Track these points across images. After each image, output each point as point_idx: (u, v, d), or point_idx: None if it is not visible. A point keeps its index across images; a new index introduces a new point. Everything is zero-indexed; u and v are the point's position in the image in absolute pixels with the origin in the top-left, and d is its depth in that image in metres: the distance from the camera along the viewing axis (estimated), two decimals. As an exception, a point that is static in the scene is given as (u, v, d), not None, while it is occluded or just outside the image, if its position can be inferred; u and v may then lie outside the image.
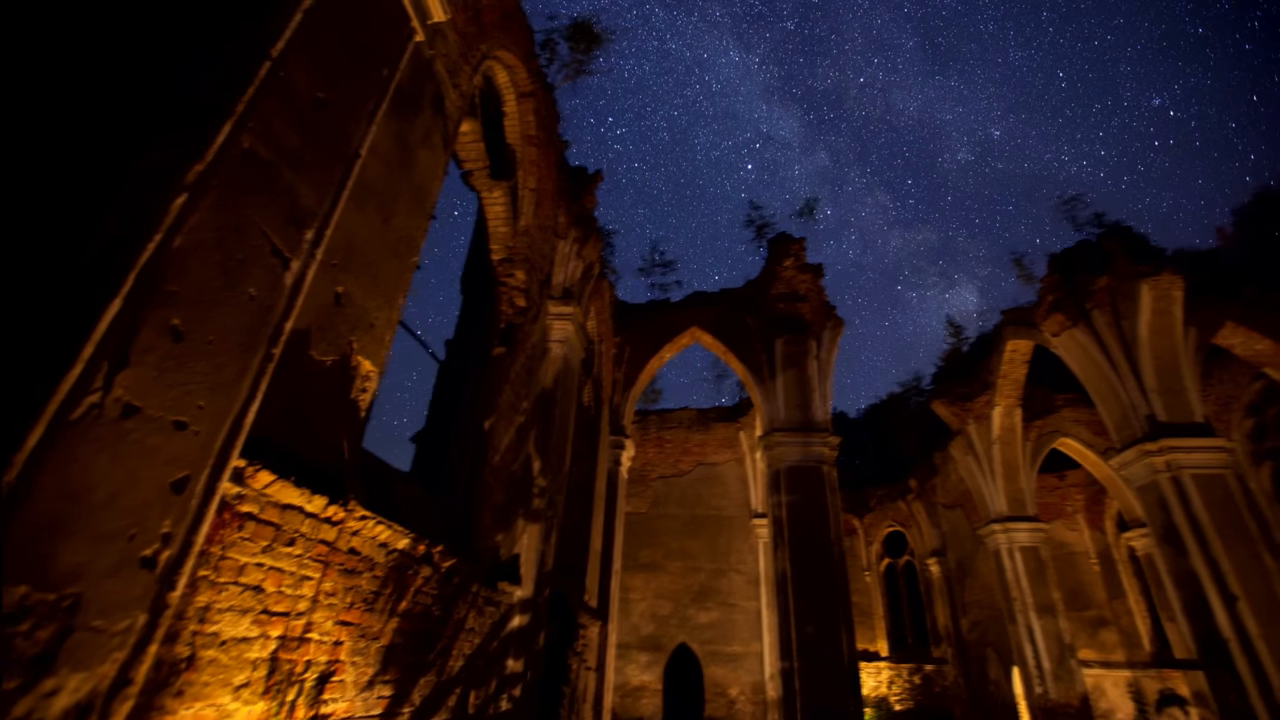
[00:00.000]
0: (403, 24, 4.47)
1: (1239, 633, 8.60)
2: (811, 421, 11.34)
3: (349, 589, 3.38)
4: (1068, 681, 13.02)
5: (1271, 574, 9.05)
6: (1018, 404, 14.67)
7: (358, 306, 3.86)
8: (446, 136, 5.27)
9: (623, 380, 13.35)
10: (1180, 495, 9.50)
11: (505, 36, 6.68)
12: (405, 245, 4.55)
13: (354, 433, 3.70)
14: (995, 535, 14.54)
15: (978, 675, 16.61)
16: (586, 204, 9.87)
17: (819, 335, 12.15)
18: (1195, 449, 9.60)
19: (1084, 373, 11.19)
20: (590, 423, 11.63)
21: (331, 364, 3.58)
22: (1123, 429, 10.43)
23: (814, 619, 9.75)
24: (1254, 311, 11.30)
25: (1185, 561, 9.32)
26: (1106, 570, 16.54)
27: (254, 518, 2.68)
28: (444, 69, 5.15)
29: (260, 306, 2.81)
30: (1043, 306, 11.76)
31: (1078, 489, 17.52)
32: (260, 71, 2.97)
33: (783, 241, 12.99)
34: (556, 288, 8.53)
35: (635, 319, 13.93)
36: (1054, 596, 13.95)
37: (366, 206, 4.09)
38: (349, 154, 3.85)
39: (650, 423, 19.05)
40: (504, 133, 7.90)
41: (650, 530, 17.41)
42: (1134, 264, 10.57)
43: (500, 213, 7.77)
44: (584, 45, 11.59)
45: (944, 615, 18.36)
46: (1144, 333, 10.36)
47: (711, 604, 16.47)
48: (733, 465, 18.12)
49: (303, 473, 2.95)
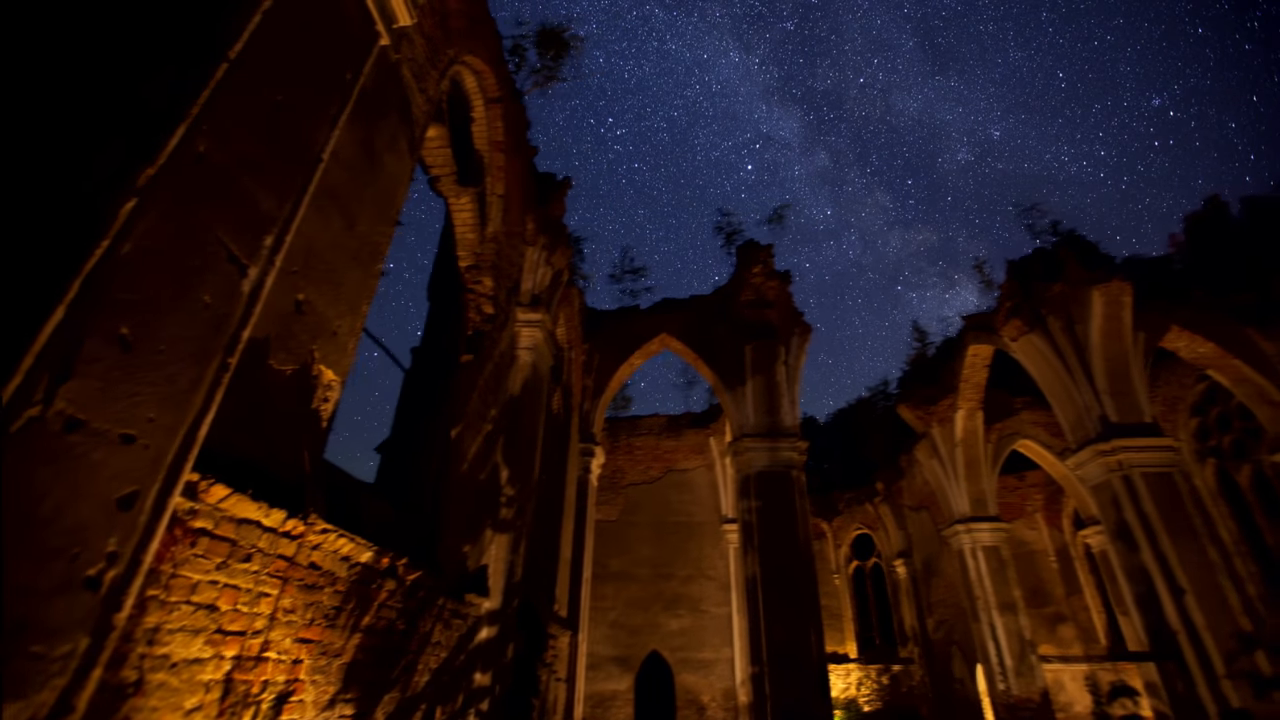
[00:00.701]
0: (367, 27, 4.41)
1: (1186, 624, 8.95)
2: (780, 427, 11.46)
3: (309, 605, 3.28)
4: (1029, 677, 13.37)
5: (1216, 567, 9.46)
6: (979, 407, 15.08)
7: (319, 314, 3.78)
8: (413, 142, 5.21)
9: (592, 387, 13.31)
10: (1131, 493, 9.87)
11: (473, 42, 6.64)
12: (369, 252, 4.48)
13: (315, 444, 3.61)
14: (959, 535, 14.88)
15: (943, 674, 16.94)
16: (555, 210, 9.84)
17: (787, 341, 12.31)
18: (1144, 448, 9.99)
19: (1041, 376, 11.56)
20: (560, 430, 11.56)
21: (292, 373, 3.49)
22: (1077, 430, 10.80)
23: (783, 623, 9.83)
24: (1200, 316, 11.84)
25: (1136, 557, 9.67)
26: (1064, 567, 17.05)
27: (208, 533, 2.59)
28: (410, 74, 5.10)
29: (216, 315, 2.73)
30: (1002, 312, 12.13)
31: (1037, 489, 18.04)
32: (216, 73, 2.89)
33: (751, 248, 13.14)
34: (525, 295, 8.48)
35: (605, 326, 13.92)
36: (1015, 594, 14.33)
37: (329, 212, 4.01)
38: (310, 159, 3.77)
39: (621, 430, 19.02)
40: (472, 138, 7.84)
41: (621, 538, 17.36)
42: (1086, 271, 10.99)
43: (468, 219, 7.69)
44: (552, 52, 11.59)
45: (910, 616, 18.69)
46: (1096, 337, 10.76)
47: (683, 610, 16.48)
48: (703, 471, 18.19)
49: (261, 486, 2.87)
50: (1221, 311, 11.87)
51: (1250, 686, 8.02)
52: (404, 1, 4.60)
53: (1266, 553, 12.96)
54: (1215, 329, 11.82)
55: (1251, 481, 13.33)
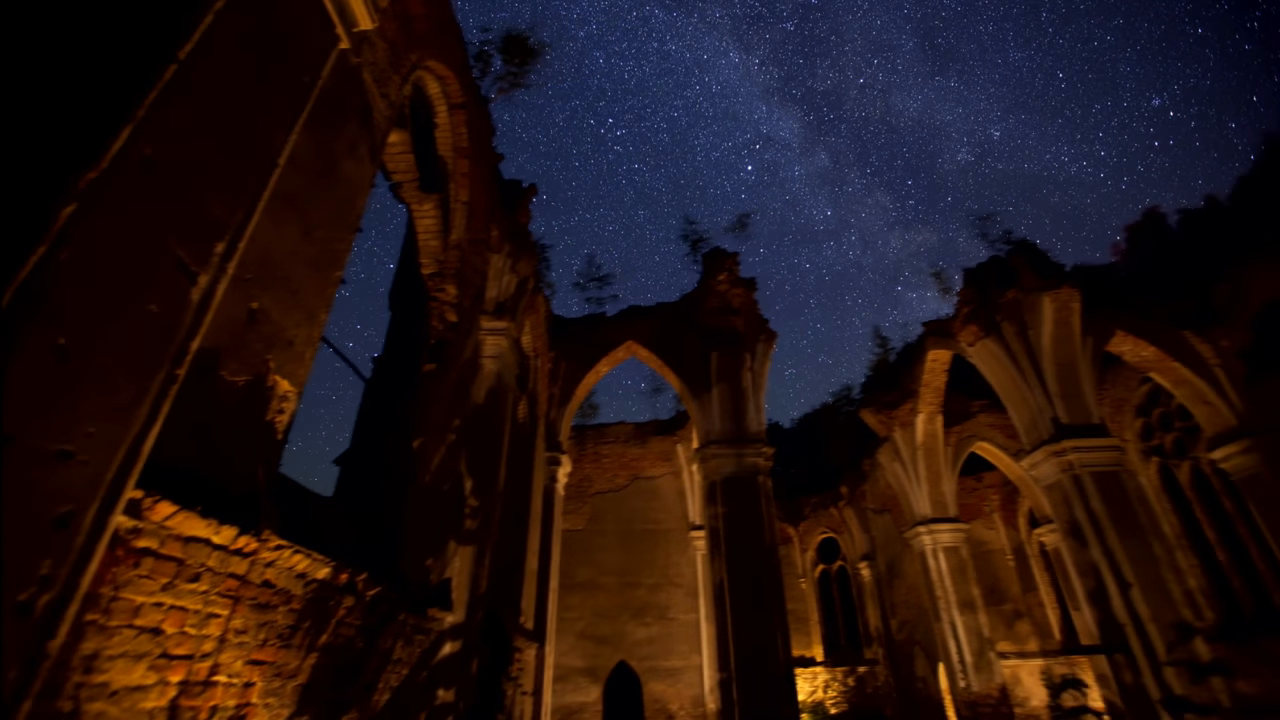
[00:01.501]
0: (326, 30, 4.33)
1: (1133, 617, 9.32)
2: (746, 433, 11.57)
3: (262, 625, 3.16)
4: (987, 673, 13.73)
5: (1160, 561, 9.89)
6: (939, 411, 15.49)
7: (274, 323, 3.67)
8: (374, 147, 5.12)
9: (559, 395, 13.23)
10: (1080, 492, 10.25)
11: (437, 47, 6.57)
12: (328, 259, 4.37)
13: (270, 456, 3.49)
14: (921, 537, 15.23)
15: (907, 673, 17.26)
16: (520, 218, 9.78)
17: (752, 348, 12.45)
18: (1093, 448, 10.40)
19: (997, 380, 11.95)
20: (525, 439, 11.44)
21: (245, 384, 3.38)
22: (1031, 432, 11.18)
23: (751, 628, 9.89)
24: (1142, 322, 12.40)
25: (1087, 553, 10.04)
26: (1021, 565, 17.60)
27: (153, 553, 2.47)
28: (371, 78, 5.02)
29: (163, 324, 2.62)
30: (959, 318, 12.50)
31: (994, 490, 18.60)
32: (165, 74, 2.80)
33: (716, 256, 13.27)
34: (490, 302, 8.39)
35: (571, 333, 13.86)
36: (974, 593, 14.72)
37: (286, 218, 3.91)
38: (266, 163, 3.68)
39: (587, 438, 18.94)
40: (435, 144, 7.74)
41: (588, 547, 17.24)
42: (1038, 278, 11.40)
43: (431, 226, 7.58)
44: (518, 58, 11.51)
45: (875, 617, 19.00)
46: (1047, 342, 11.17)
47: (650, 619, 16.43)
48: (670, 478, 18.22)
49: (212, 501, 2.76)
50: (1162, 317, 12.45)
51: (1188, 673, 8.39)
52: (365, 5, 4.54)
53: (1206, 546, 13.59)
54: (1157, 334, 12.39)
55: (1191, 478, 13.98)
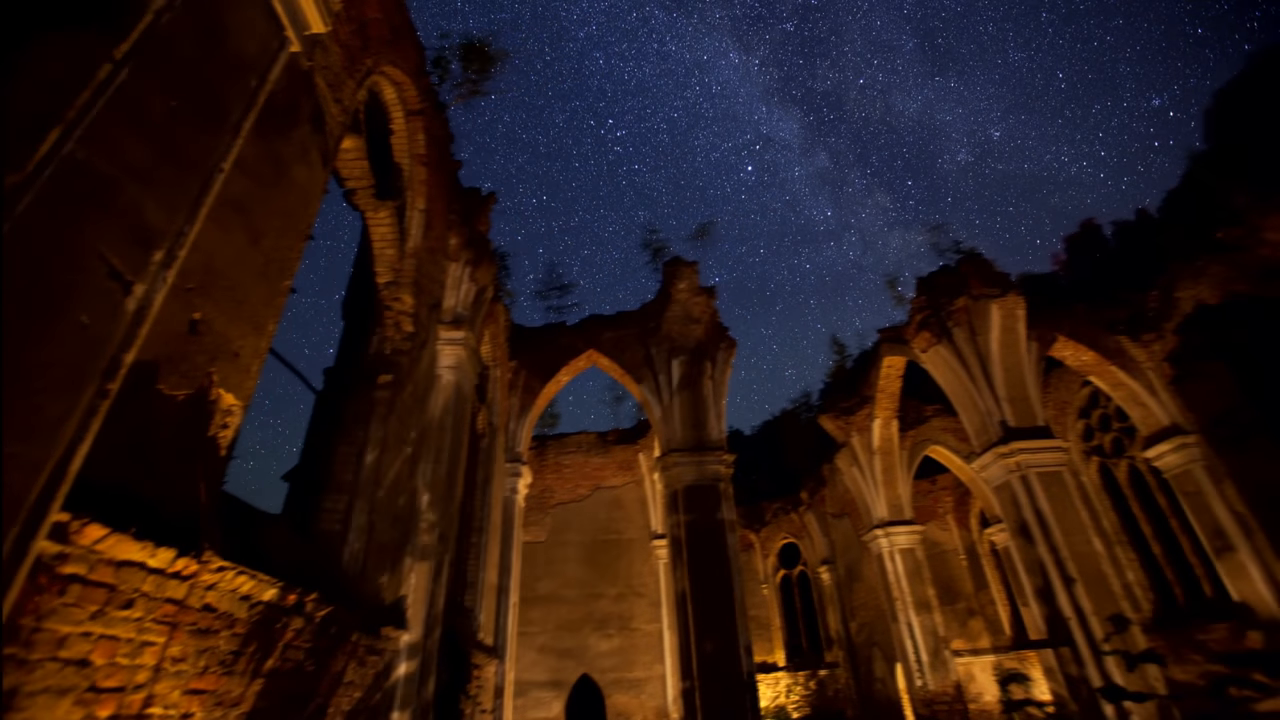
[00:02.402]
0: (275, 33, 4.22)
1: (1077, 611, 9.70)
2: (707, 441, 11.64)
3: (202, 651, 3.01)
4: (943, 672, 14.09)
5: (1101, 557, 10.33)
6: (895, 416, 15.90)
7: (218, 334, 3.53)
8: (326, 153, 5.00)
9: (519, 405, 13.07)
10: (1028, 492, 10.64)
11: (393, 52, 6.47)
12: (277, 267, 4.24)
13: (213, 474, 3.34)
14: (878, 540, 15.57)
15: (866, 675, 17.57)
16: (480, 226, 9.66)
17: (713, 356, 12.55)
18: (1039, 450, 10.81)
19: (948, 385, 12.33)
20: (485, 451, 11.25)
21: (186, 398, 3.23)
22: (981, 435, 11.57)
23: (713, 636, 9.92)
24: (1081, 327, 13.01)
25: (1034, 551, 10.42)
26: (973, 565, 18.13)
27: (81, 579, 2.33)
28: (324, 82, 4.90)
29: (93, 337, 2.49)
30: (912, 325, 12.88)
31: (947, 491, 19.14)
32: (99, 74, 2.68)
33: (677, 265, 13.36)
34: (447, 312, 8.25)
35: (531, 343, 13.74)
36: (929, 593, 15.11)
37: (231, 225, 3.78)
38: (209, 168, 3.56)
39: (548, 448, 18.75)
40: (392, 151, 7.60)
41: (549, 559, 17.03)
42: (985, 287, 11.85)
43: (386, 234, 7.43)
44: (476, 65, 11.41)
45: (835, 620, 19.29)
46: (995, 348, 11.60)
47: (613, 630, 16.30)
48: (632, 488, 18.17)
49: (148, 522, 2.62)
50: (1099, 324, 13.10)
51: (1124, 663, 8.79)
52: (317, 8, 4.44)
53: (1143, 541, 14.28)
54: (1095, 339, 13.01)
55: (1128, 476, 14.69)
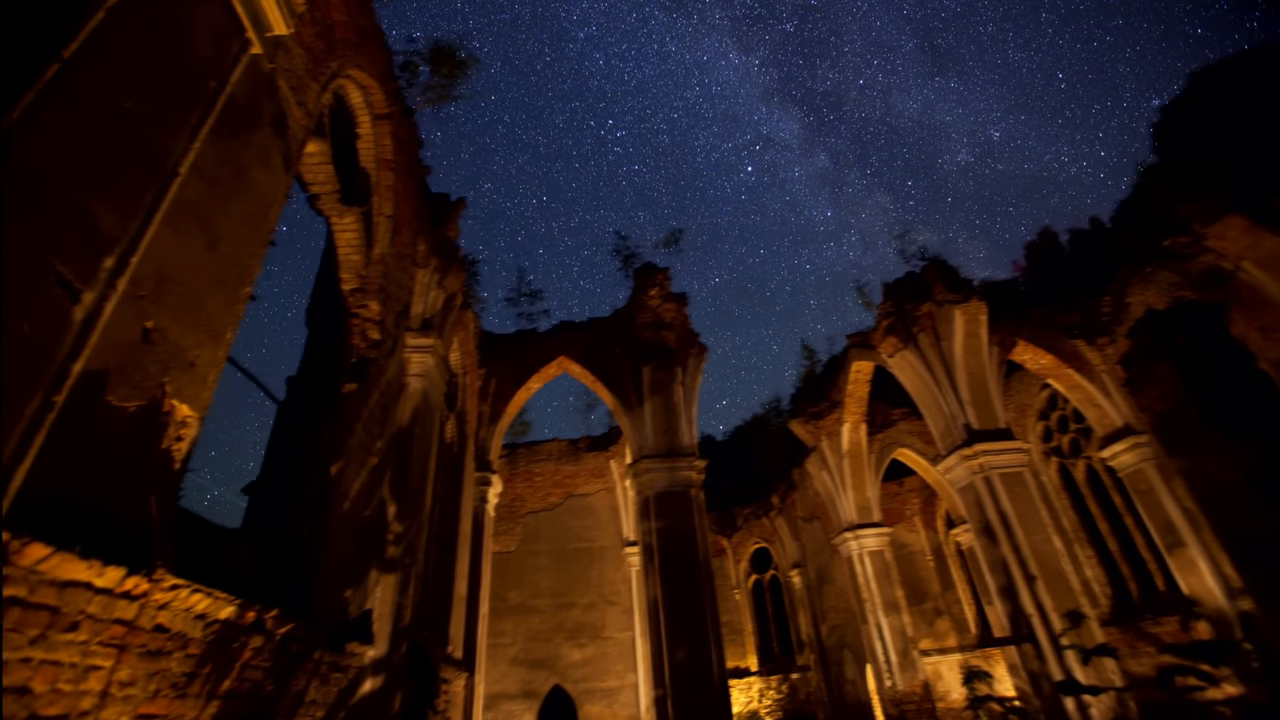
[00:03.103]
0: (236, 34, 4.14)
1: (1038, 608, 9.96)
2: (678, 447, 11.67)
3: (154, 674, 2.89)
4: (911, 671, 14.32)
5: (1061, 555, 10.65)
6: (863, 420, 16.16)
7: (173, 343, 3.41)
8: (289, 157, 4.89)
9: (489, 413, 12.93)
10: (991, 492, 10.91)
11: (360, 55, 6.37)
12: (236, 274, 4.13)
13: (166, 488, 3.22)
14: (848, 543, 15.77)
15: (836, 677, 17.75)
16: (449, 232, 9.56)
17: (684, 362, 12.61)
18: (1001, 451, 11.10)
19: (914, 389, 12.59)
20: (454, 460, 11.09)
21: (138, 410, 3.12)
22: (946, 437, 11.83)
23: (686, 643, 9.91)
24: (1040, 332, 13.42)
25: (997, 550, 10.68)
26: (940, 565, 18.49)
27: (21, 602, 2.22)
28: (287, 85, 4.81)
29: (38, 346, 2.40)
30: (879, 330, 13.12)
31: (914, 494, 19.50)
32: (46, 74, 2.59)
33: (648, 271, 13.40)
34: (415, 319, 8.13)
35: (502, 350, 13.63)
36: (898, 594, 15.36)
37: (188, 231, 3.67)
38: (164, 172, 3.47)
39: (519, 456, 18.56)
40: (358, 155, 7.47)
41: (520, 569, 16.83)
42: (949, 292, 12.14)
43: (352, 240, 7.29)
44: (446, 70, 11.30)
45: (806, 624, 19.46)
46: (959, 352, 11.88)
47: (585, 639, 16.17)
48: (604, 495, 18.08)
49: (96, 540, 2.51)
50: (1057, 328, 13.53)
51: (1079, 655, 9.07)
52: (280, 10, 4.36)
53: (1099, 538, 14.76)
54: (1052, 343, 13.44)
55: (1085, 476, 15.18)
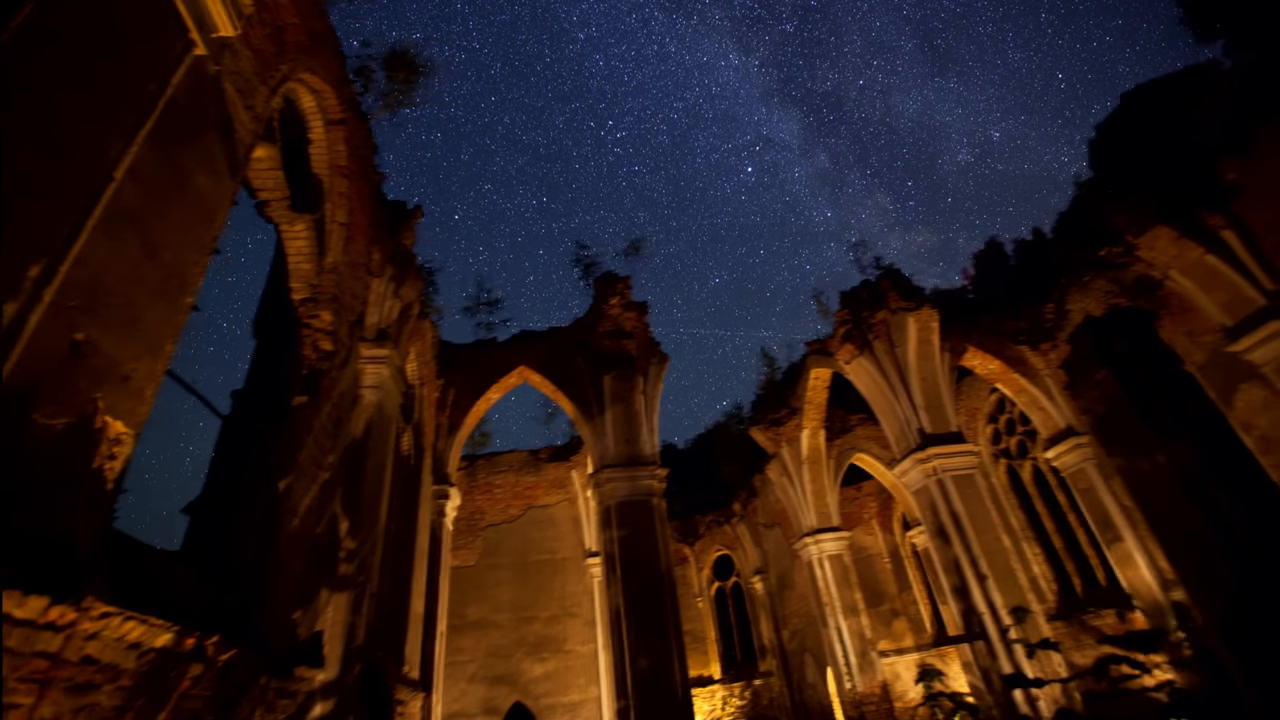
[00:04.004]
0: (178, 35, 3.99)
1: (989, 605, 10.29)
2: (640, 455, 11.67)
3: (80, 709, 2.71)
4: (870, 672, 14.59)
5: (1010, 553, 11.04)
6: (821, 426, 16.46)
7: (106, 356, 3.24)
8: (235, 162, 4.73)
9: (447, 425, 12.69)
10: (944, 494, 11.25)
11: (312, 59, 6.21)
12: (176, 284, 3.96)
13: (98, 509, 3.05)
14: (808, 547, 16.01)
15: (798, 681, 17.94)
16: (404, 240, 9.39)
17: (645, 370, 12.64)
18: (953, 454, 11.46)
19: (870, 394, 12.91)
20: (410, 473, 10.82)
21: (66, 427, 2.95)
22: (901, 441, 12.16)
23: (648, 653, 9.88)
24: (988, 338, 13.93)
25: (950, 550, 11.00)
26: (896, 567, 18.91)
27: (-70, 638, 2.05)
28: (234, 88, 4.65)
29: (-49, 362, 2.24)
30: (836, 338, 13.42)
31: (872, 497, 19.92)
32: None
33: (609, 280, 13.41)
34: (370, 329, 7.93)
35: (460, 360, 13.41)
36: (857, 597, 15.64)
37: (124, 238, 3.51)
38: (98, 177, 3.32)
39: (479, 468, 18.22)
40: (310, 161, 7.27)
41: (480, 583, 16.49)
42: (903, 300, 12.51)
43: (303, 248, 7.08)
44: (402, 75, 11.12)
45: (768, 629, 19.62)
46: (912, 358, 12.24)
47: (547, 653, 15.92)
48: (565, 506, 17.89)
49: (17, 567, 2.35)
50: (1003, 335, 14.08)
51: (1024, 649, 9.42)
52: (226, 10, 4.23)
53: (1046, 536, 15.36)
54: (1000, 349, 13.97)
55: (1032, 476, 15.81)
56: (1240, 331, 9.31)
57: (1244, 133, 9.36)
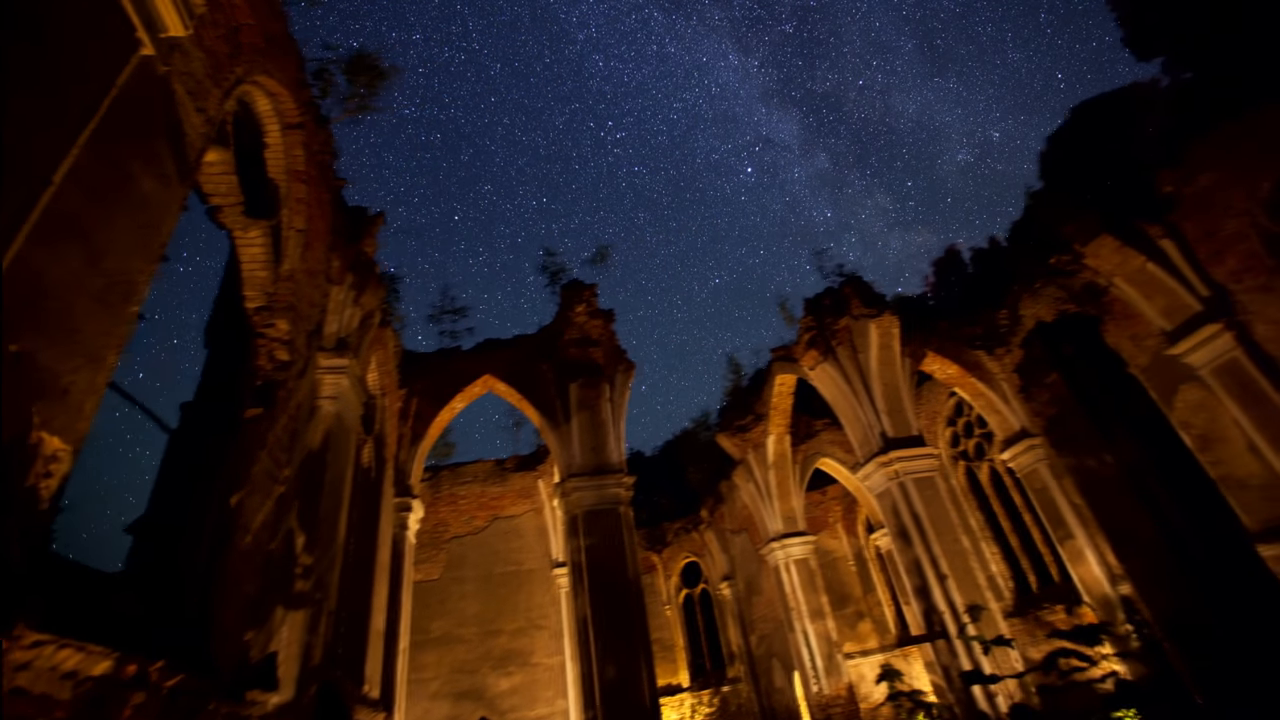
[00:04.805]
0: (124, 34, 3.85)
1: (950, 605, 10.55)
2: (607, 464, 11.62)
3: (12, 744, 2.55)
4: (836, 675, 14.77)
5: (969, 553, 11.33)
6: (787, 431, 16.67)
7: (43, 369, 3.09)
8: (185, 166, 4.58)
9: (410, 435, 12.44)
10: (905, 497, 11.50)
11: (268, 61, 6.06)
12: (120, 292, 3.80)
13: (31, 530, 2.89)
14: (774, 552, 16.16)
15: (766, 686, 18.05)
16: (366, 247, 9.20)
17: (612, 378, 12.61)
18: (914, 457, 11.73)
19: (834, 400, 13.14)
20: (371, 486, 10.55)
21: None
22: (864, 445, 12.40)
23: (615, 662, 9.81)
24: (947, 343, 14.32)
25: (912, 551, 11.24)
26: (861, 570, 19.24)
27: None
28: (184, 89, 4.51)
29: None
30: (801, 344, 13.63)
31: (836, 501, 20.24)
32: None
33: (575, 288, 13.36)
34: (329, 338, 7.73)
35: (424, 369, 13.18)
36: (823, 600, 15.84)
37: (64, 244, 3.37)
38: (36, 179, 3.18)
39: (443, 479, 17.84)
40: (266, 166, 7.07)
41: (444, 597, 16.11)
42: (865, 307, 12.78)
43: (259, 255, 6.87)
44: (364, 79, 10.91)
45: (736, 635, 19.68)
46: (874, 364, 12.51)
47: (513, 667, 15.63)
48: (532, 516, 17.64)
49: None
50: (961, 340, 14.49)
51: (981, 646, 9.68)
52: (178, 10, 4.10)
53: (1003, 535, 15.84)
54: (957, 354, 14.38)
55: (989, 477, 16.29)
56: (1179, 335, 9.79)
57: (1179, 147, 9.88)
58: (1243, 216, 9.16)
